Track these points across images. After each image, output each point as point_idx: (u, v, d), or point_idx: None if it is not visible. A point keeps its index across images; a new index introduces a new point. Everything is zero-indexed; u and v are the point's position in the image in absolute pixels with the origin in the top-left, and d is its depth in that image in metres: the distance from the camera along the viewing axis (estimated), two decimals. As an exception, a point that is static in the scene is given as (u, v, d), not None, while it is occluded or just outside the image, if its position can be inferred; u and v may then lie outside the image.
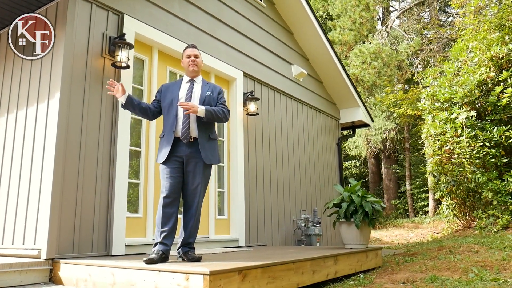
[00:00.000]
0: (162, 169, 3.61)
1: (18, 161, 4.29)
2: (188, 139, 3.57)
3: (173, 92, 3.72)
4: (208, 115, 3.59)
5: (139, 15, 4.87)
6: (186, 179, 3.63)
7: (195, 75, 3.81)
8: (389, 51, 12.86)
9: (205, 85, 3.82)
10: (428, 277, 4.27)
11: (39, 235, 3.85)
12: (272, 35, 7.33)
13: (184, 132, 3.57)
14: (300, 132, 7.76)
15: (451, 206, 9.21)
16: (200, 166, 3.61)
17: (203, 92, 3.74)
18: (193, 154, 3.59)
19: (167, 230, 3.49)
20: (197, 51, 3.85)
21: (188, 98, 3.67)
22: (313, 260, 3.87)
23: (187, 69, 3.80)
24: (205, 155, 3.60)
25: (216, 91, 3.83)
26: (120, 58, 4.38)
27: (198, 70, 3.81)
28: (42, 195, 3.91)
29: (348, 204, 5.09)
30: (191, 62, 3.76)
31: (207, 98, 3.72)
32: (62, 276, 3.65)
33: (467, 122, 8.21)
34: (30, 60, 4.46)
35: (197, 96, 3.71)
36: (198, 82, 3.82)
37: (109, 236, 4.21)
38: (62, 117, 3.98)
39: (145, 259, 3.27)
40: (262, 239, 6.33)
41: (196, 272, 2.79)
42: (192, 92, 3.71)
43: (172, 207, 3.53)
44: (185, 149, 3.58)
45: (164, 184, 3.55)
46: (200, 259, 3.48)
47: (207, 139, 3.67)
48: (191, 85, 3.76)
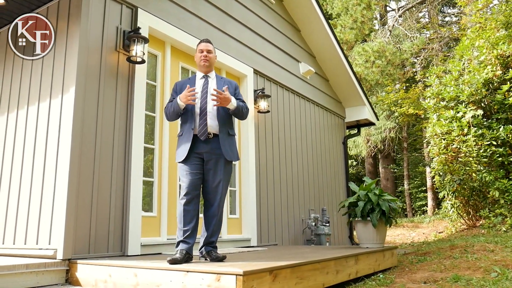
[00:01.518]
0: (182, 167, 3.52)
1: (29, 159, 4.15)
2: (206, 135, 3.47)
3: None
4: (236, 110, 3.56)
5: (152, 9, 4.75)
6: (206, 177, 3.53)
7: (208, 71, 3.71)
8: (393, 49, 12.82)
9: (220, 80, 3.73)
10: (450, 276, 4.21)
11: (54, 235, 3.71)
12: (280, 31, 7.24)
13: (201, 129, 3.48)
14: (308, 130, 7.67)
15: (455, 205, 9.17)
16: (221, 163, 3.52)
17: (219, 87, 3.63)
18: (213, 151, 3.50)
19: (190, 229, 3.39)
20: (210, 46, 3.74)
21: (204, 94, 3.57)
22: (336, 259, 3.79)
23: (199, 64, 3.70)
24: (226, 152, 3.52)
25: (233, 87, 3.74)
26: (136, 53, 4.26)
27: (210, 66, 3.70)
28: (57, 194, 3.77)
29: (365, 203, 5.00)
30: (203, 58, 3.65)
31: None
32: (79, 277, 3.52)
33: (474, 121, 8.18)
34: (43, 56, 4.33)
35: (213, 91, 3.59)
36: (212, 77, 3.72)
37: (124, 236, 4.08)
38: (77, 113, 3.85)
39: (169, 259, 3.16)
40: (273, 239, 6.24)
41: (228, 273, 2.69)
42: (208, 88, 3.61)
43: (193, 205, 3.44)
44: (204, 146, 3.49)
45: (185, 182, 3.46)
46: (224, 259, 3.38)
47: (227, 135, 3.59)
48: (205, 81, 3.66)
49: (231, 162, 3.64)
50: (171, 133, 4.92)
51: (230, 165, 3.63)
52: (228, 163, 3.60)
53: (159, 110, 4.82)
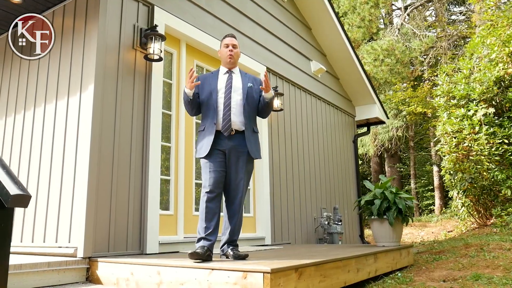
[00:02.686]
0: (204, 163, 3.46)
1: (47, 157, 4.14)
2: (229, 131, 3.43)
3: (211, 84, 3.56)
4: (271, 100, 3.58)
5: (168, 6, 4.73)
6: (229, 174, 3.49)
7: (233, 66, 3.66)
8: (402, 48, 12.77)
9: (244, 76, 3.68)
10: (469, 275, 4.18)
11: (74, 233, 3.70)
12: (292, 30, 7.21)
13: (225, 124, 3.43)
14: (319, 129, 7.65)
15: (465, 204, 9.12)
16: (243, 160, 3.49)
17: (244, 83, 3.59)
18: (236, 148, 3.45)
19: (212, 226, 3.36)
20: (235, 40, 3.70)
21: (228, 89, 3.52)
22: (357, 258, 3.77)
23: (225, 59, 3.65)
24: (251, 149, 3.48)
25: (258, 83, 3.69)
26: (153, 50, 4.24)
27: (235, 62, 3.66)
28: (76, 192, 3.76)
29: (381, 201, 4.98)
30: (230, 53, 3.61)
31: (249, 90, 3.59)
32: (100, 275, 3.51)
33: (485, 119, 8.13)
34: (59, 52, 4.32)
35: (238, 87, 3.56)
36: (237, 73, 3.67)
37: (143, 234, 4.07)
38: (96, 111, 3.83)
39: (190, 252, 3.13)
40: (286, 237, 6.21)
41: (255, 270, 2.67)
42: (232, 84, 3.56)
43: (215, 202, 3.39)
44: (227, 142, 3.44)
45: (207, 179, 3.40)
46: (246, 257, 3.36)
47: (252, 132, 3.56)
48: (229, 76, 3.61)
49: (253, 160, 3.61)
50: (186, 131, 4.90)
51: (252, 162, 3.61)
52: (251, 161, 3.57)
53: (175, 108, 4.80)
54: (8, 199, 1.46)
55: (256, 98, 3.62)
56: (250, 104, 3.56)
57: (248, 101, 3.54)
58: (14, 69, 4.83)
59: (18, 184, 1.52)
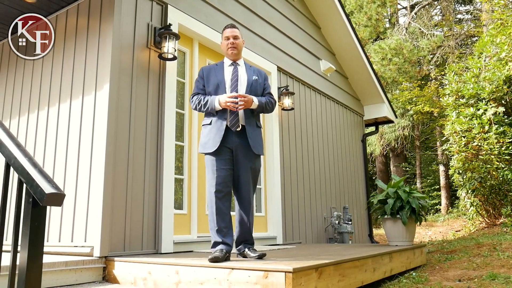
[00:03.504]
0: (210, 160, 3.31)
1: (62, 156, 4.14)
2: (237, 127, 3.31)
3: (217, 76, 3.44)
4: (259, 109, 3.41)
5: (181, 5, 4.73)
6: (237, 172, 3.37)
7: (237, 58, 3.53)
8: (410, 47, 12.73)
9: (249, 69, 3.56)
10: (485, 274, 4.15)
11: (90, 233, 3.70)
12: (302, 29, 7.20)
13: (232, 119, 3.30)
14: (329, 128, 7.63)
15: (474, 203, 9.09)
16: (251, 157, 3.38)
17: (249, 76, 3.48)
18: (242, 144, 3.34)
19: (226, 228, 3.30)
20: (236, 31, 3.53)
21: (235, 82, 3.41)
22: (373, 257, 3.75)
23: (227, 52, 3.51)
24: (253, 145, 3.36)
25: (262, 77, 3.58)
26: (167, 49, 4.24)
27: (238, 53, 3.51)
28: (92, 192, 3.76)
29: (394, 200, 4.96)
30: (230, 45, 3.47)
31: (254, 83, 3.47)
32: (116, 274, 3.51)
33: (495, 118, 8.09)
34: (73, 52, 4.32)
35: (243, 80, 3.45)
36: (242, 65, 3.55)
37: (158, 233, 4.06)
38: (112, 111, 3.83)
39: (210, 257, 3.09)
40: (297, 237, 6.20)
41: (277, 270, 2.66)
42: (238, 76, 3.45)
43: (225, 202, 3.30)
44: (234, 139, 3.32)
45: (214, 178, 3.27)
46: (264, 256, 3.34)
47: (255, 127, 3.44)
48: (235, 69, 3.49)
49: (260, 156, 3.51)
50: (199, 130, 4.89)
51: (259, 159, 3.51)
52: (257, 157, 3.47)
53: (187, 107, 4.80)
54: (43, 197, 1.46)
55: (260, 91, 3.52)
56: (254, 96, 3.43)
57: (252, 94, 3.42)
58: (27, 68, 4.83)
59: (51, 182, 1.51)
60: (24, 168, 1.57)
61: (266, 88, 3.57)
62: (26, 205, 1.54)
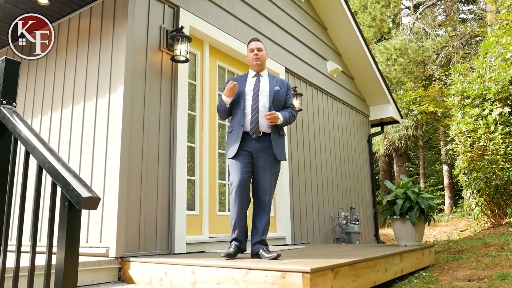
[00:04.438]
0: (232, 163, 3.57)
1: (76, 158, 4.19)
2: (257, 134, 3.53)
3: (240, 87, 3.66)
4: (284, 124, 3.64)
5: (192, 8, 4.77)
6: (256, 175, 3.59)
7: (260, 69, 3.76)
8: (415, 47, 12.76)
9: (272, 79, 3.76)
10: (495, 274, 4.19)
11: (105, 234, 3.74)
12: (309, 30, 7.24)
13: (253, 127, 3.53)
14: (335, 128, 7.67)
15: (479, 203, 9.12)
16: (271, 161, 3.58)
17: (272, 87, 3.68)
18: (263, 149, 3.55)
19: (241, 226, 3.50)
20: (260, 44, 3.78)
21: (256, 92, 3.62)
22: (385, 257, 3.79)
23: (251, 63, 3.75)
24: (277, 151, 3.58)
25: (285, 87, 3.78)
26: (180, 52, 4.28)
27: (262, 64, 3.74)
28: (107, 193, 3.80)
29: (403, 201, 4.99)
30: (255, 57, 3.71)
31: (276, 93, 3.66)
32: (132, 274, 3.55)
33: (500, 119, 8.12)
34: (86, 54, 4.36)
35: (265, 90, 3.66)
36: (265, 76, 3.77)
37: (171, 234, 4.11)
38: (126, 113, 3.87)
39: (223, 253, 3.29)
40: (305, 237, 6.24)
41: (294, 270, 2.70)
42: (260, 87, 3.66)
43: (243, 202, 3.50)
44: (254, 144, 3.54)
45: (235, 179, 3.51)
46: (279, 256, 3.39)
47: (278, 135, 3.66)
48: (257, 80, 3.71)
49: (280, 162, 3.68)
50: (210, 132, 4.94)
51: (279, 164, 3.68)
52: (277, 163, 3.66)
53: (199, 109, 4.84)
54: (79, 201, 1.50)
55: (282, 101, 3.72)
56: (277, 107, 3.65)
57: (274, 104, 3.63)
58: (39, 70, 4.88)
59: (87, 186, 1.56)
60: (59, 172, 1.61)
61: (288, 99, 3.77)
62: (62, 208, 1.59)
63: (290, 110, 3.73)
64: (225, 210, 5.05)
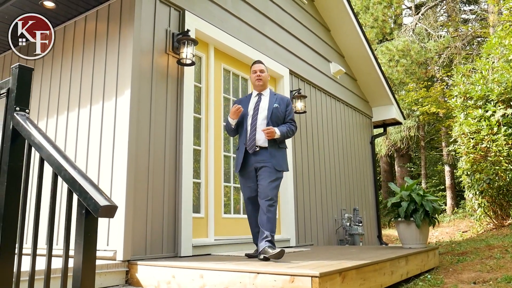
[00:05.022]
0: (239, 178, 4.01)
1: (82, 162, 4.20)
2: (254, 148, 3.82)
3: (244, 108, 3.98)
4: (281, 138, 3.87)
5: (197, 11, 4.78)
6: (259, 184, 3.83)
7: (262, 89, 4.05)
8: (418, 48, 12.76)
9: (273, 97, 4.02)
10: (500, 277, 4.19)
11: (112, 237, 3.75)
12: (312, 32, 7.25)
13: (250, 142, 3.84)
14: (339, 130, 7.68)
15: (482, 204, 9.12)
16: (268, 171, 3.78)
17: (270, 104, 3.94)
18: (261, 162, 3.81)
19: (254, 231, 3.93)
20: (262, 66, 4.08)
21: (256, 111, 3.93)
22: (391, 260, 3.80)
23: (254, 83, 4.05)
24: (277, 162, 3.82)
25: (284, 103, 4.02)
26: (186, 55, 4.29)
27: (264, 84, 4.04)
28: (114, 196, 3.81)
29: (408, 203, 5.01)
30: (257, 77, 4.01)
31: (274, 110, 3.92)
32: (139, 277, 3.56)
33: (503, 120, 8.13)
34: (92, 57, 4.37)
35: (264, 109, 3.93)
36: (266, 95, 4.04)
37: (177, 237, 4.12)
38: (133, 116, 3.88)
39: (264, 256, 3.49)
40: (309, 239, 6.26)
41: (303, 274, 2.71)
42: (259, 106, 3.95)
43: (252, 211, 3.92)
44: (254, 158, 3.84)
45: (242, 194, 4.00)
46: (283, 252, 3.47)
47: (277, 148, 3.89)
48: (258, 99, 4.01)
49: (281, 172, 3.88)
50: (215, 134, 4.95)
51: (279, 173, 3.86)
52: (277, 172, 3.84)
53: (204, 111, 4.85)
54: (97, 209, 1.51)
55: (282, 117, 3.96)
56: (275, 122, 3.90)
57: (272, 120, 3.89)
58: (45, 72, 4.89)
59: (103, 195, 1.57)
60: (76, 180, 1.62)
61: (288, 114, 4.02)
62: (79, 216, 1.60)
63: (288, 125, 3.95)
64: (230, 212, 5.07)
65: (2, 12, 4.49)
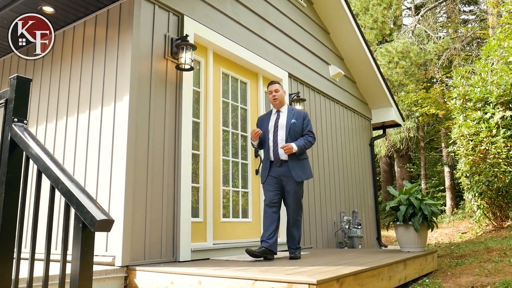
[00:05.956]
0: (263, 186, 4.42)
1: (81, 167, 4.21)
2: (279, 162, 4.31)
3: (265, 124, 4.48)
4: (300, 151, 4.28)
5: (196, 16, 4.79)
6: (284, 195, 4.36)
7: (280, 106, 4.50)
8: (417, 50, 12.77)
9: (290, 113, 4.45)
10: (498, 281, 4.20)
11: (111, 242, 3.77)
12: (311, 35, 7.26)
13: (275, 157, 4.34)
14: (338, 132, 7.69)
15: (481, 206, 9.14)
16: (290, 183, 4.28)
17: (288, 120, 4.38)
18: (284, 174, 4.29)
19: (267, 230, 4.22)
20: (277, 86, 4.50)
21: (275, 128, 4.39)
22: (389, 265, 3.81)
23: (272, 103, 4.52)
24: (296, 174, 4.26)
25: (301, 117, 4.43)
26: (184, 60, 4.30)
27: (280, 102, 4.48)
28: (112, 201, 3.83)
29: (407, 207, 5.02)
30: (273, 98, 4.47)
31: (292, 126, 4.35)
32: (138, 283, 3.57)
33: (502, 122, 8.14)
34: (91, 62, 4.38)
35: (283, 125, 4.37)
36: (284, 111, 4.48)
37: (176, 242, 4.13)
38: (132, 122, 3.89)
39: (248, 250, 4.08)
40: (308, 242, 6.27)
41: (301, 282, 2.72)
42: (279, 123, 4.40)
43: (271, 213, 4.28)
44: (277, 170, 4.33)
45: (266, 197, 4.37)
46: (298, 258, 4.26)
47: (297, 160, 4.31)
48: (277, 116, 4.47)
49: (302, 182, 4.38)
50: (214, 138, 4.96)
51: (300, 184, 4.36)
52: (298, 183, 4.32)
53: (203, 116, 4.86)
54: (94, 224, 1.52)
55: (299, 130, 4.38)
56: (293, 137, 4.32)
57: (291, 135, 4.32)
58: (44, 77, 4.90)
59: (100, 208, 1.58)
60: (73, 194, 1.63)
61: (305, 127, 4.43)
62: (76, 229, 1.61)
63: (305, 137, 4.35)
64: (229, 216, 5.08)
65: (2, 17, 4.50)
